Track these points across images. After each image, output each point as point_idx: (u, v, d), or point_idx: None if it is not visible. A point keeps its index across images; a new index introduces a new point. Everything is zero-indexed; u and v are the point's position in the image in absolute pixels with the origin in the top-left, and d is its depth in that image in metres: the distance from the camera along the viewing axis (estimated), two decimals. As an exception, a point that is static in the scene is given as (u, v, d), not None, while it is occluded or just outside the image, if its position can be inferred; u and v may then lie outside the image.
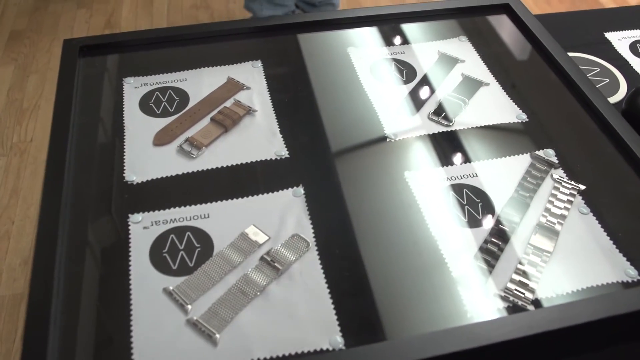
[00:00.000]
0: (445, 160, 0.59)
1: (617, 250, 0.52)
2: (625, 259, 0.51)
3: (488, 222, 0.54)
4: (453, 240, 0.52)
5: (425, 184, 0.57)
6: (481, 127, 0.64)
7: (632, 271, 0.50)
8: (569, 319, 0.43)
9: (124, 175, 0.56)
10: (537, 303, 0.48)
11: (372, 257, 0.50)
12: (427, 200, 0.55)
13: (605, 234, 0.53)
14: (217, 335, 0.44)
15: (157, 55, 0.69)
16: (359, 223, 0.53)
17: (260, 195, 0.55)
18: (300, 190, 0.55)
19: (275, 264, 0.49)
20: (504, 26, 0.77)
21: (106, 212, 0.53)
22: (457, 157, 0.60)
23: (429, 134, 0.62)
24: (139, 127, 0.61)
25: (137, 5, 2.34)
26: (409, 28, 0.76)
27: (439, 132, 0.63)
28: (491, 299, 0.48)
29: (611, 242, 0.53)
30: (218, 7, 2.37)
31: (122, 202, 0.53)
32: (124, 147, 0.58)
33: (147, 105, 0.63)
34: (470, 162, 0.60)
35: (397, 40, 0.74)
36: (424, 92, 0.67)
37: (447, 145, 0.61)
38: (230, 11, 2.36)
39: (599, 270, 0.50)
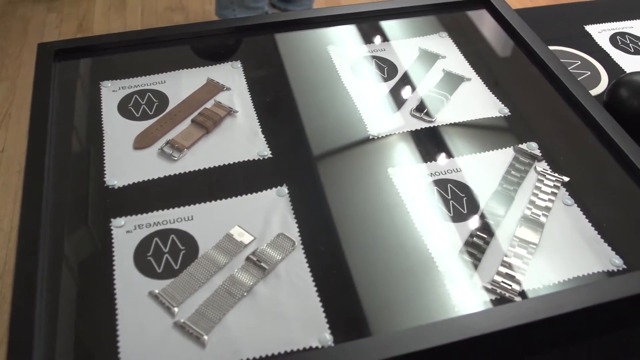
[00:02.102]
0: (428, 156, 0.61)
1: (602, 240, 0.54)
2: (610, 248, 0.53)
3: (473, 216, 0.56)
4: (438, 235, 0.54)
5: (409, 180, 0.59)
6: (463, 122, 0.65)
7: (618, 260, 0.52)
8: (556, 309, 0.45)
9: (104, 179, 0.56)
10: (524, 294, 0.49)
11: (358, 254, 0.52)
12: (412, 197, 0.57)
13: (590, 224, 0.55)
14: (205, 337, 0.45)
15: (135, 57, 0.70)
16: (344, 221, 0.54)
17: (244, 195, 0.56)
18: (284, 189, 0.57)
19: (262, 264, 0.50)
20: (484, 21, 0.79)
21: (88, 217, 0.53)
22: (441, 153, 0.62)
23: (411, 131, 0.64)
24: (118, 131, 0.61)
25: (109, 8, 2.34)
26: (388, 25, 0.78)
27: (421, 129, 0.64)
28: (478, 292, 0.50)
29: (596, 232, 0.55)
30: (194, 9, 2.38)
31: (103, 206, 0.54)
32: (104, 151, 0.59)
33: (126, 108, 0.64)
34: (453, 157, 0.61)
35: (377, 37, 0.76)
36: (405, 89, 0.69)
37: (429, 141, 0.63)
38: (207, 12, 2.37)
39: (584, 260, 0.52)
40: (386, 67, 0.72)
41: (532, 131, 0.64)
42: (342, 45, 0.74)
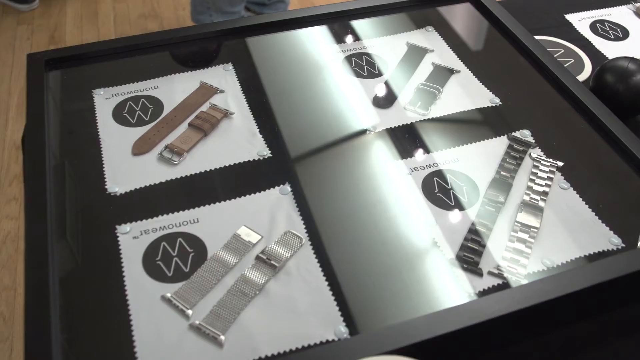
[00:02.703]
0: (426, 147, 0.62)
1: (600, 221, 0.56)
2: (608, 228, 0.55)
3: (475, 204, 0.57)
4: (443, 224, 0.55)
5: (410, 171, 0.60)
6: (457, 113, 0.67)
7: (616, 239, 0.54)
8: (565, 288, 0.46)
9: (106, 187, 0.57)
10: (529, 277, 0.51)
11: (367, 245, 0.53)
12: (414, 187, 0.58)
13: (587, 206, 0.57)
14: (222, 337, 0.46)
15: (125, 64, 0.70)
16: (350, 214, 0.55)
17: (247, 195, 0.57)
18: (287, 187, 0.57)
19: (272, 262, 0.51)
20: (469, 14, 0.80)
21: (93, 226, 0.53)
22: (438, 144, 0.63)
23: (407, 124, 0.65)
24: (115, 138, 0.62)
25: (81, 18, 2.32)
26: (376, 22, 0.79)
27: (416, 121, 0.66)
28: (486, 277, 0.51)
29: (593, 213, 0.56)
30: (167, 16, 2.37)
31: (107, 214, 0.54)
32: (103, 159, 0.59)
33: (121, 115, 0.64)
34: (450, 148, 0.63)
35: (366, 34, 0.77)
36: (397, 84, 0.70)
37: (426, 133, 0.64)
38: (181, 19, 2.36)
39: (584, 241, 0.54)
40: (377, 63, 0.73)
41: (524, 119, 0.66)
42: (332, 43, 0.75)
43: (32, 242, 0.49)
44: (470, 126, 0.65)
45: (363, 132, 0.64)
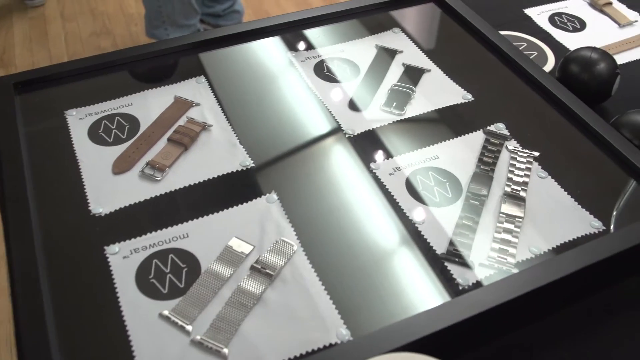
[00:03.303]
0: (405, 147, 0.64)
1: (580, 206, 0.58)
2: (588, 212, 0.57)
3: (459, 199, 0.58)
4: (430, 220, 0.56)
5: (392, 171, 0.61)
6: (432, 111, 0.68)
7: (597, 223, 0.56)
8: (556, 273, 0.48)
9: (89, 208, 0.56)
10: (519, 266, 0.52)
11: (358, 246, 0.54)
12: (398, 187, 0.59)
13: (566, 193, 0.59)
14: (226, 350, 0.46)
15: (96, 83, 0.69)
16: (339, 218, 0.56)
17: (235, 207, 0.57)
18: (274, 196, 0.58)
19: (267, 270, 0.51)
20: (433, 13, 0.82)
21: (80, 248, 0.53)
22: (417, 143, 0.64)
23: (385, 125, 0.66)
24: (93, 158, 0.61)
25: (30, 40, 2.27)
26: (342, 27, 0.80)
27: (393, 122, 0.67)
28: (477, 269, 0.52)
29: (572, 199, 0.59)
30: (120, 32, 2.34)
31: (94, 236, 0.54)
32: (83, 181, 0.58)
33: (97, 135, 0.63)
34: (429, 145, 0.64)
35: (335, 40, 0.78)
36: (371, 86, 0.72)
37: (404, 133, 0.66)
38: (134, 35, 2.33)
39: (567, 226, 0.56)
40: (348, 67, 0.74)
41: (498, 113, 0.68)
42: (302, 51, 0.76)
43: (20, 270, 0.48)
44: (447, 123, 0.67)
45: (343, 135, 0.65)
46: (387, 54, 0.76)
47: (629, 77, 0.75)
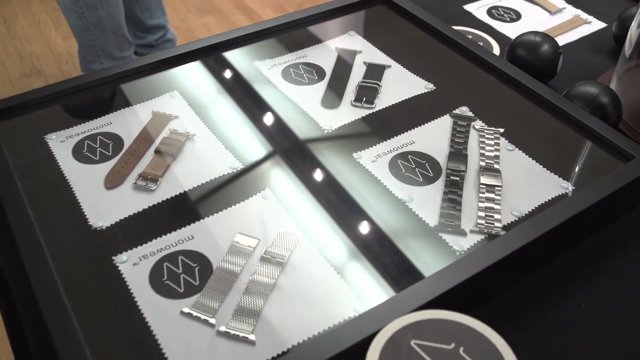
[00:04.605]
0: (382, 136, 0.68)
1: (549, 171, 0.63)
2: (557, 176, 0.63)
3: (440, 177, 0.63)
4: (418, 198, 0.60)
5: (374, 159, 0.65)
6: (400, 102, 0.73)
7: (565, 184, 0.62)
8: (538, 230, 0.53)
9: (90, 224, 0.57)
10: (505, 228, 0.57)
11: (356, 228, 0.57)
12: (382, 172, 0.63)
13: (534, 161, 0.65)
14: (252, 336, 0.48)
15: (71, 106, 0.70)
16: (334, 203, 0.59)
17: (233, 206, 0.59)
18: (268, 192, 0.60)
19: (277, 259, 0.53)
20: (383, 14, 0.88)
21: (90, 262, 0.53)
22: (391, 131, 0.68)
23: (359, 118, 0.70)
24: (83, 177, 0.62)
25: (-44, 86, 2.20)
26: (301, 34, 0.84)
27: (366, 115, 0.71)
28: (470, 235, 0.57)
29: (541, 166, 0.64)
30: (51, 72, 2.30)
31: (100, 248, 0.54)
32: (77, 199, 0.59)
33: (82, 154, 0.64)
34: (403, 133, 0.68)
35: (296, 46, 0.82)
36: (339, 85, 0.76)
37: (378, 123, 0.70)
38: (66, 72, 2.30)
39: (540, 190, 0.62)
40: (314, 70, 0.78)
41: (460, 97, 0.73)
42: (267, 59, 0.79)
43: (43, 291, 0.48)
44: (415, 111, 0.72)
45: (322, 131, 0.68)
46: (348, 55, 0.81)
47: (566, 57, 0.83)
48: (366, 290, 0.52)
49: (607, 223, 0.63)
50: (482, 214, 0.59)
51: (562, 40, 0.90)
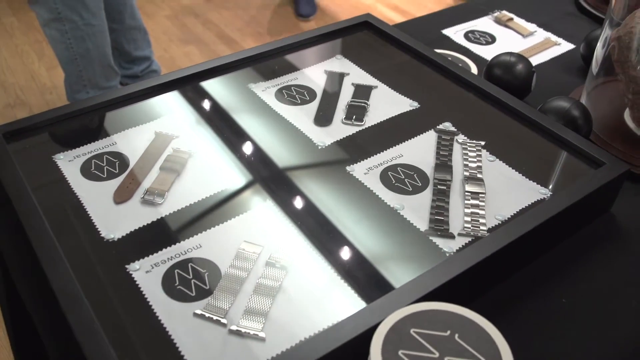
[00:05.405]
0: (372, 151, 0.73)
1: (527, 179, 0.69)
2: (535, 183, 0.68)
3: (428, 186, 0.68)
4: (409, 206, 0.65)
5: (366, 171, 0.70)
6: (387, 119, 0.78)
7: (543, 190, 0.67)
8: (519, 230, 0.58)
9: (102, 236, 0.60)
10: (490, 230, 0.62)
11: (354, 234, 0.61)
12: (374, 183, 0.68)
13: (514, 170, 0.70)
14: (263, 333, 0.51)
15: (77, 128, 0.74)
16: (332, 212, 0.64)
17: (236, 217, 0.63)
18: (268, 203, 0.64)
19: (281, 264, 0.57)
20: (368, 39, 0.93)
21: (104, 270, 0.57)
22: (381, 146, 0.73)
23: (349, 135, 0.75)
24: (92, 193, 0.65)
25: (-61, 119, 2.21)
26: (292, 58, 0.90)
27: (357, 132, 0.76)
28: (458, 238, 0.61)
29: (520, 174, 0.69)
30: (36, 102, 2.33)
31: (113, 258, 0.58)
32: (89, 214, 0.63)
33: (90, 172, 0.68)
34: (392, 147, 0.73)
35: (288, 70, 0.87)
36: (330, 104, 0.81)
37: (368, 139, 0.75)
38: (51, 103, 2.33)
39: (521, 196, 0.67)
40: (305, 91, 0.83)
41: (443, 114, 0.79)
42: (261, 82, 0.84)
43: (66, 298, 0.51)
44: (402, 127, 0.77)
45: (316, 147, 0.73)
46: (337, 77, 0.86)
47: (540, 76, 0.89)
48: (365, 289, 0.56)
49: (583, 225, 0.68)
50: (468, 218, 0.64)
51: (535, 60, 0.97)
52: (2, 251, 0.65)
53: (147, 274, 0.57)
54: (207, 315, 0.53)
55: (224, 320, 0.53)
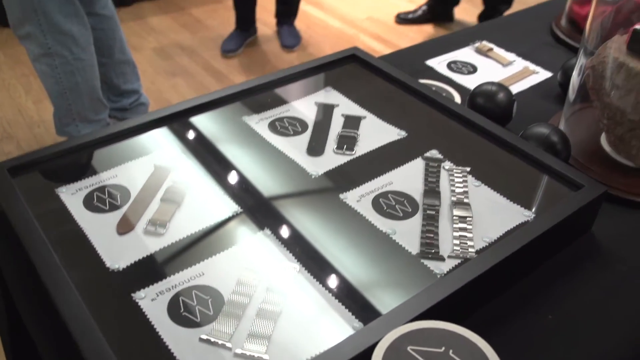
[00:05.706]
0: (363, 179, 0.76)
1: (512, 202, 0.73)
2: (519, 206, 0.72)
3: (418, 211, 0.71)
4: (400, 231, 0.68)
5: (359, 198, 0.73)
6: (376, 148, 0.82)
7: (527, 212, 0.71)
8: (508, 249, 0.62)
9: (107, 266, 0.63)
10: (478, 252, 0.65)
11: (348, 258, 0.64)
12: (366, 209, 0.71)
13: (499, 194, 0.74)
14: (267, 356, 0.54)
15: (76, 163, 0.76)
16: (328, 238, 0.67)
17: (236, 245, 0.66)
18: (267, 231, 0.67)
19: (282, 288, 0.60)
20: (356, 71, 0.98)
21: (110, 299, 0.59)
22: (371, 174, 0.77)
23: (341, 164, 0.79)
24: (95, 225, 0.68)
25: None
26: (283, 91, 0.93)
27: (348, 160, 0.79)
28: (448, 260, 0.65)
29: (505, 198, 0.73)
30: (24, 136, 2.34)
31: (119, 287, 0.60)
32: (93, 245, 0.65)
33: (93, 205, 0.70)
34: (382, 175, 0.77)
35: (278, 102, 0.91)
36: (321, 135, 0.84)
37: (358, 168, 0.78)
38: (38, 136, 2.34)
39: (506, 219, 0.70)
40: (297, 122, 0.87)
41: (430, 142, 0.83)
42: (255, 114, 0.88)
43: (77, 327, 0.53)
44: (391, 156, 0.81)
45: (309, 176, 0.76)
46: (327, 109, 0.90)
47: (520, 103, 0.94)
48: (362, 310, 0.59)
49: (565, 245, 0.72)
50: (457, 241, 0.67)
51: (514, 88, 1.02)
52: (7, 281, 0.67)
53: (152, 301, 0.59)
54: (212, 340, 0.55)
55: (229, 344, 0.55)
